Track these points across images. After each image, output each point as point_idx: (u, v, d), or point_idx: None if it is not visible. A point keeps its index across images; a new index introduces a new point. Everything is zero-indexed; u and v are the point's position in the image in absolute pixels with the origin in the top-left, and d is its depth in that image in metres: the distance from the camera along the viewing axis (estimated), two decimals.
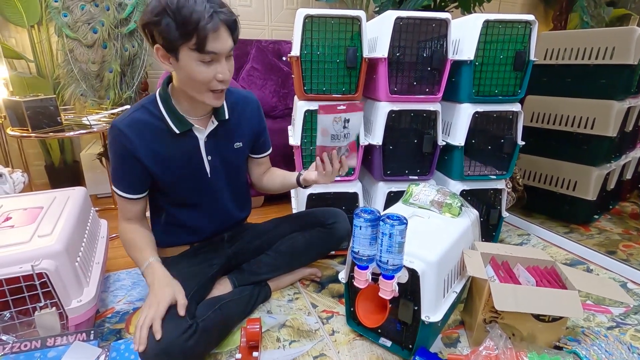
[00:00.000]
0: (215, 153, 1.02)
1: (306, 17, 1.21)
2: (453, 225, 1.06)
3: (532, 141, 1.56)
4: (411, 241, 0.91)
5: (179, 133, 0.94)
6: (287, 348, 0.99)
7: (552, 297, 0.88)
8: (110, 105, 1.74)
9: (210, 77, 0.86)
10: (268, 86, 2.14)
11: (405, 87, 1.34)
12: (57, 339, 0.85)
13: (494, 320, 0.93)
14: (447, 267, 0.95)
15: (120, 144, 0.91)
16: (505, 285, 0.90)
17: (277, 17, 2.41)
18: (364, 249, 0.82)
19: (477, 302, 0.97)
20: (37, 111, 1.47)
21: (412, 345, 0.92)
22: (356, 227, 0.82)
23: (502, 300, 0.85)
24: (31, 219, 1.00)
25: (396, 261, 0.80)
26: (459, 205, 1.11)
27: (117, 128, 0.90)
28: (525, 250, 1.16)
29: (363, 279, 0.85)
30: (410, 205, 1.17)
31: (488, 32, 1.30)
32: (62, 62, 1.68)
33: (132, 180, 0.95)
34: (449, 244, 0.97)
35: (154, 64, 2.18)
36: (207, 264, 1.07)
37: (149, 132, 0.92)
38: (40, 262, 0.83)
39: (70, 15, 1.64)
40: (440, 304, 0.92)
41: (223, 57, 0.85)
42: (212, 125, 1.00)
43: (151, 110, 0.94)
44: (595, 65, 1.64)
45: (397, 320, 0.94)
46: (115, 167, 0.95)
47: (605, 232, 1.73)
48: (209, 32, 0.79)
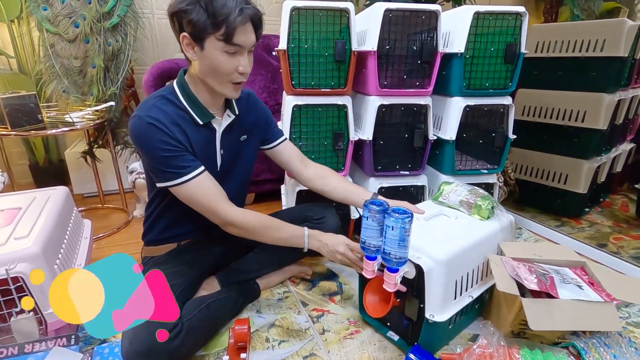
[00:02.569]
0: (227, 147, 1.02)
1: (293, 9, 1.18)
2: (478, 228, 1.02)
3: (523, 135, 1.55)
4: (424, 238, 0.91)
5: (202, 124, 0.94)
6: (277, 348, 0.97)
7: (588, 312, 0.82)
8: (94, 102, 1.69)
9: (232, 69, 0.88)
10: (257, 81, 2.11)
11: (396, 80, 1.32)
12: (35, 345, 0.81)
13: (522, 331, 0.90)
14: (460, 269, 0.92)
15: (158, 130, 0.86)
16: (538, 302, 0.83)
17: (267, 11, 2.34)
18: (372, 239, 0.84)
19: (505, 313, 0.93)
20: (16, 108, 1.42)
21: (416, 342, 0.91)
22: (364, 218, 0.84)
23: (537, 319, 0.80)
24: (8, 220, 0.96)
25: (400, 254, 0.80)
26: (489, 207, 1.06)
27: (143, 117, 0.86)
28: (554, 250, 1.08)
29: (370, 269, 0.87)
30: (439, 203, 1.14)
31: (478, 24, 1.28)
32: (44, 57, 1.62)
33: (182, 155, 0.89)
34: (466, 245, 0.94)
35: (140, 60, 2.13)
36: (194, 262, 1.05)
37: (175, 119, 0.91)
38: (15, 266, 0.80)
39: (50, 9, 1.58)
40: (449, 305, 0.90)
41: (246, 51, 0.88)
42: (228, 118, 1.01)
43: (172, 100, 0.93)
44: (585, 58, 1.63)
45: (405, 317, 0.94)
46: (164, 156, 0.87)
47: (596, 224, 1.74)
48: (238, 24, 0.82)
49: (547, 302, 0.83)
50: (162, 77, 1.80)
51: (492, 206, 1.07)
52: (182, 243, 1.08)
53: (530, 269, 0.91)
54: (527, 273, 0.89)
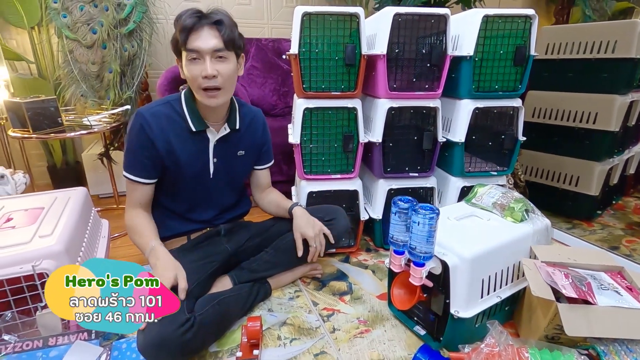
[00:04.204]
0: (220, 157, 1.10)
1: (304, 14, 1.20)
2: (509, 230, 1.01)
3: (533, 137, 1.55)
4: (452, 236, 0.94)
5: (195, 131, 1.03)
6: (288, 346, 0.99)
7: (629, 319, 0.81)
8: (111, 106, 1.74)
9: (197, 74, 0.94)
10: (268, 84, 2.14)
11: (405, 83, 1.33)
12: (58, 338, 0.85)
13: (557, 335, 0.90)
14: (487, 268, 0.94)
15: (141, 128, 0.98)
16: (575, 308, 0.82)
17: (277, 15, 2.40)
18: (399, 234, 0.89)
19: (539, 317, 0.92)
20: (38, 112, 1.48)
21: (441, 337, 0.93)
22: (392, 214, 0.89)
23: (574, 325, 0.80)
24: (32, 219, 1.01)
25: (425, 249, 0.84)
26: (522, 210, 1.05)
27: (142, 115, 0.99)
28: (589, 254, 1.04)
29: (397, 263, 0.92)
30: (472, 205, 1.15)
31: (487, 27, 1.29)
32: (63, 63, 1.68)
33: (145, 164, 1.01)
34: (494, 245, 0.94)
35: (154, 64, 2.18)
36: (207, 260, 1.08)
37: (169, 124, 1.01)
38: (41, 263, 0.84)
39: (69, 16, 1.64)
40: (475, 303, 0.92)
41: (207, 55, 0.93)
42: (224, 131, 1.08)
43: (174, 106, 1.03)
44: (597, 59, 1.62)
45: (431, 311, 0.97)
46: (131, 151, 1.01)
47: (608, 227, 1.72)
48: (191, 31, 0.92)
49: (584, 309, 0.82)
50: (175, 81, 1.84)
51: (525, 209, 1.06)
52: (192, 237, 1.14)
53: (566, 275, 0.89)
54: (563, 279, 0.87)
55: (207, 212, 1.15)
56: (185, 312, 0.87)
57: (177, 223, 1.12)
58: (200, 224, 1.15)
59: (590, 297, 0.84)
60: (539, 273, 0.90)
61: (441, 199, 1.54)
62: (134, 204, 1.05)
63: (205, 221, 1.15)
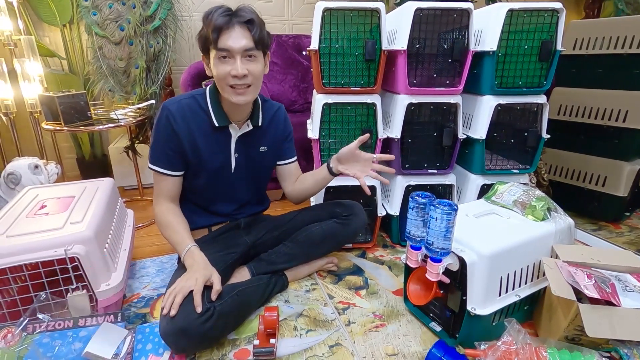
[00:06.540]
0: (242, 152, 1.12)
1: (325, 10, 1.21)
2: (530, 228, 1.00)
3: (558, 135, 1.50)
4: (471, 233, 0.93)
5: (217, 127, 1.06)
6: (304, 337, 1.01)
7: None
8: (137, 100, 1.80)
9: (225, 73, 0.96)
10: (288, 80, 2.16)
11: (425, 79, 1.32)
12: (87, 319, 0.90)
13: (577, 336, 0.88)
14: (506, 266, 0.93)
15: (167, 121, 1.02)
16: (597, 309, 0.80)
17: (297, 12, 2.42)
18: (416, 229, 0.90)
19: (559, 317, 0.91)
20: (69, 106, 1.55)
21: (457, 334, 0.93)
22: (409, 209, 0.89)
23: (595, 326, 0.78)
24: (64, 207, 1.06)
25: (442, 245, 0.84)
26: (544, 208, 1.03)
27: (168, 108, 1.02)
28: (613, 255, 1.00)
29: (414, 259, 0.92)
30: (492, 202, 1.14)
31: (512, 22, 1.26)
32: (92, 59, 1.75)
33: (170, 156, 1.04)
34: (513, 243, 0.93)
35: (178, 60, 2.24)
36: (227, 252, 1.11)
37: (193, 118, 1.04)
38: (72, 247, 0.88)
39: (99, 14, 1.70)
40: (493, 300, 0.91)
41: (237, 55, 0.95)
42: (246, 127, 1.11)
43: (199, 101, 1.06)
44: (628, 55, 1.55)
45: (447, 308, 0.96)
46: (157, 144, 1.04)
47: (636, 229, 1.66)
48: (222, 30, 0.93)
49: (607, 310, 0.80)
50: (198, 76, 1.89)
51: (547, 207, 1.04)
52: (213, 229, 1.17)
53: (589, 275, 0.87)
54: (585, 279, 0.85)
55: (228, 206, 1.18)
56: (206, 302, 0.89)
57: (199, 216, 1.16)
58: (221, 217, 1.18)
59: (614, 299, 0.82)
60: (560, 272, 0.88)
61: (460, 197, 1.52)
62: (163, 197, 1.08)
63: (226, 214, 1.19)
